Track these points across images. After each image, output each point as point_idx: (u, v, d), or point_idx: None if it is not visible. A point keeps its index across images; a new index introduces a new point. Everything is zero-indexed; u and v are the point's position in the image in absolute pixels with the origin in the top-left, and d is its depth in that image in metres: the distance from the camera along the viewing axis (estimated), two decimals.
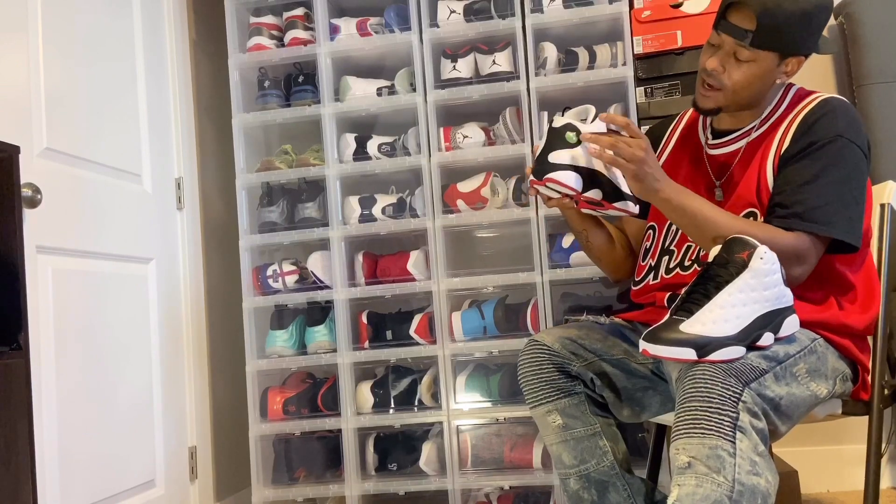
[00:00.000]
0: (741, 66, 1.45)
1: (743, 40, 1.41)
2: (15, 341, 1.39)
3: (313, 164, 2.32)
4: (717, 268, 1.28)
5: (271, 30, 2.40)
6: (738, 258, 1.26)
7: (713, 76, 1.47)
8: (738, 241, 1.28)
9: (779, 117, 1.53)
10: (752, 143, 1.53)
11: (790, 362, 1.31)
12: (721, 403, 1.18)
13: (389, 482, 2.19)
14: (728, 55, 1.45)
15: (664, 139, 1.73)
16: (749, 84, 1.47)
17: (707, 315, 1.25)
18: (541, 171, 1.46)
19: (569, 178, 1.45)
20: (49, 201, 1.75)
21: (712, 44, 1.48)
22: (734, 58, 1.45)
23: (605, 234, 1.70)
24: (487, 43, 2.26)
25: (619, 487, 1.53)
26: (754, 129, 1.54)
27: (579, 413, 1.53)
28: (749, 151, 1.53)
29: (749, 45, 1.41)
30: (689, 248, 1.55)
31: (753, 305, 1.26)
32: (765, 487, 1.17)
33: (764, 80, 1.47)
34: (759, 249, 1.26)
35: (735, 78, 1.46)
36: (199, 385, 2.38)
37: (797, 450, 2.22)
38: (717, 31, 1.46)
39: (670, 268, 1.58)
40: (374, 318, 2.29)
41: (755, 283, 1.26)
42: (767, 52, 1.43)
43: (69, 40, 1.94)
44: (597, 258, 1.75)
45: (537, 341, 1.57)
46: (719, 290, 1.26)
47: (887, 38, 2.24)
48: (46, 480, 1.70)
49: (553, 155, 1.46)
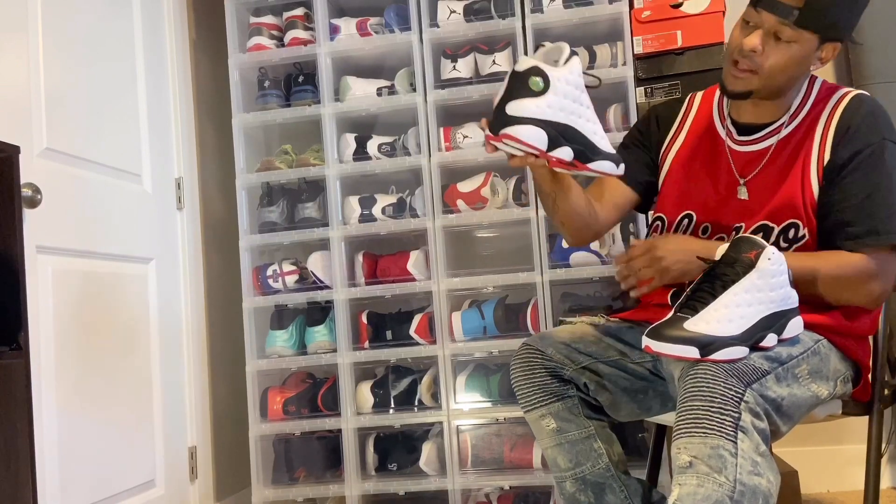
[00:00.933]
0: (781, 47, 1.35)
1: (787, 18, 1.32)
2: (15, 341, 1.39)
3: (313, 164, 2.32)
4: (724, 266, 1.26)
5: (271, 30, 2.40)
6: (745, 258, 1.25)
7: (750, 57, 1.37)
8: (747, 241, 1.27)
9: (810, 115, 1.45)
10: (783, 141, 1.46)
11: (792, 363, 1.30)
12: (723, 403, 1.17)
13: (389, 482, 2.19)
14: (768, 35, 1.35)
15: (675, 124, 1.62)
16: (787, 68, 1.38)
17: (712, 314, 1.24)
18: (497, 125, 1.23)
19: (530, 135, 1.21)
20: (49, 201, 1.75)
21: (748, 21, 1.38)
22: (774, 38, 1.35)
23: (574, 199, 1.50)
24: (487, 43, 2.26)
25: (615, 489, 1.52)
26: (784, 126, 1.46)
27: (573, 416, 1.53)
28: (782, 152, 1.46)
29: (794, 23, 1.32)
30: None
31: (759, 306, 1.25)
32: (766, 488, 1.17)
33: (801, 66, 1.39)
34: (767, 250, 1.24)
35: (773, 60, 1.36)
36: (199, 385, 2.38)
37: (797, 450, 2.22)
38: (757, 8, 1.35)
39: None
40: (374, 318, 2.29)
41: (762, 284, 1.24)
42: (810, 34, 1.34)
43: (69, 40, 1.94)
44: (559, 222, 1.57)
45: (529, 346, 1.56)
46: (725, 290, 1.24)
47: (887, 38, 2.24)
48: (46, 480, 1.70)
49: (512, 105, 1.22)
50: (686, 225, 1.55)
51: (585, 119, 1.25)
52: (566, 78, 1.23)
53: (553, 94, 1.21)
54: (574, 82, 1.24)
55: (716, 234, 1.51)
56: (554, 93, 1.21)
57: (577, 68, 1.24)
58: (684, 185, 1.57)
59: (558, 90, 1.22)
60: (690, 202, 1.55)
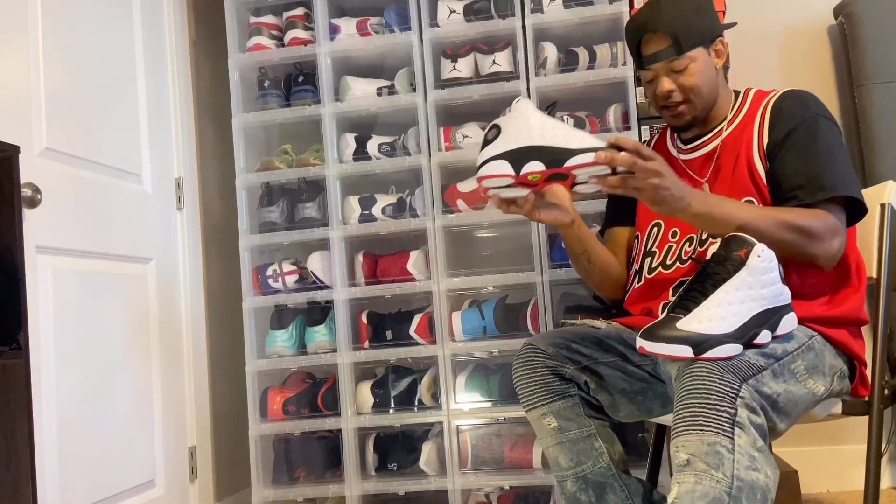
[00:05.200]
0: (685, 74, 1.55)
1: (670, 56, 1.53)
2: (15, 341, 1.39)
3: (313, 164, 2.32)
4: (714, 265, 1.28)
5: (271, 30, 2.40)
6: (735, 256, 1.26)
7: (672, 96, 1.56)
8: (737, 239, 1.28)
9: (747, 115, 1.58)
10: (728, 139, 1.58)
11: (788, 359, 1.32)
12: (719, 400, 1.18)
13: (389, 482, 2.19)
14: (668, 75, 1.56)
15: None
16: (702, 82, 1.55)
17: (704, 313, 1.25)
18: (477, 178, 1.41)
19: (497, 167, 1.38)
20: (49, 201, 1.75)
21: (649, 80, 1.59)
22: (674, 73, 1.55)
23: (603, 254, 1.70)
24: (487, 43, 2.26)
25: (616, 488, 1.53)
26: (724, 129, 1.60)
27: (574, 415, 1.54)
28: (728, 147, 1.57)
29: (678, 54, 1.53)
30: (669, 249, 1.58)
31: (751, 304, 1.26)
32: (764, 483, 1.18)
33: (710, 73, 1.57)
34: (757, 247, 1.26)
35: (688, 84, 1.55)
36: (199, 385, 2.38)
37: (797, 450, 2.22)
38: (646, 68, 1.57)
39: (652, 267, 1.60)
40: (374, 318, 2.29)
41: (752, 281, 1.25)
42: (695, 50, 1.54)
43: (69, 40, 1.94)
44: (598, 281, 1.73)
45: (531, 345, 1.58)
46: (717, 288, 1.26)
47: (887, 38, 2.24)
48: (46, 480, 1.70)
49: (480, 156, 1.40)
50: (656, 233, 1.63)
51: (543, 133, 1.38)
52: (514, 116, 1.40)
53: (505, 132, 1.39)
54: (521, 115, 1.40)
55: (686, 235, 1.57)
56: (506, 132, 1.39)
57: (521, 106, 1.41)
58: None
59: (509, 129, 1.39)
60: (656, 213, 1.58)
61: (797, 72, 2.45)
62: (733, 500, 1.15)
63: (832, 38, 2.46)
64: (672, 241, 1.59)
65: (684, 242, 1.57)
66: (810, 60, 2.47)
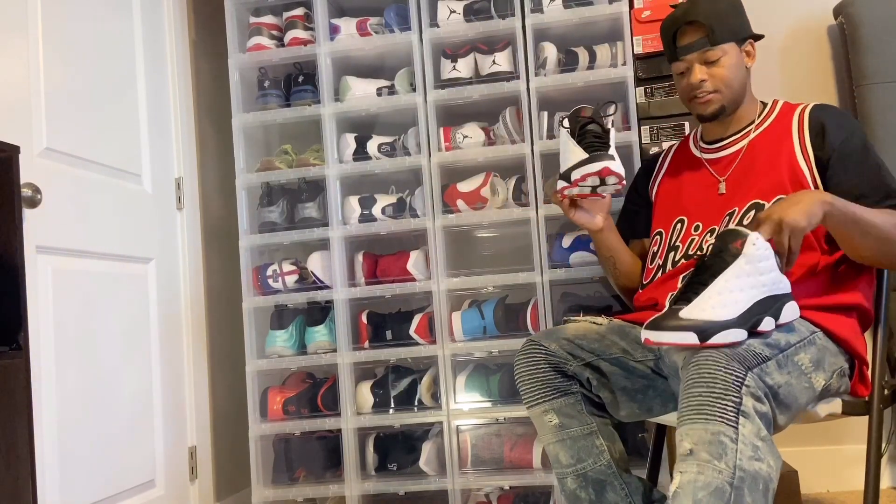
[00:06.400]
0: (716, 65, 1.62)
1: (704, 46, 1.61)
2: (15, 341, 1.39)
3: (313, 164, 2.32)
4: (712, 258, 1.32)
5: (271, 30, 2.40)
6: (732, 247, 1.30)
7: (703, 86, 1.63)
8: (732, 233, 1.32)
9: (780, 122, 1.63)
10: (757, 142, 1.64)
11: (791, 351, 1.33)
12: (725, 388, 1.19)
13: (389, 482, 2.19)
14: (701, 65, 1.63)
15: (657, 165, 1.85)
16: (733, 74, 1.63)
17: (706, 301, 1.27)
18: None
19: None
20: (49, 201, 1.75)
21: (681, 72, 1.67)
22: (706, 64, 1.63)
23: (631, 260, 1.79)
24: (487, 43, 2.26)
25: (616, 486, 1.53)
26: (752, 130, 1.66)
27: (575, 412, 1.54)
28: (757, 149, 1.62)
29: (712, 45, 1.60)
30: (691, 242, 1.62)
31: (751, 290, 1.28)
32: (766, 472, 1.18)
33: (740, 68, 1.64)
34: (752, 236, 1.29)
35: (719, 75, 1.62)
36: (199, 385, 2.38)
37: (797, 450, 2.22)
38: (679, 58, 1.65)
39: (676, 260, 1.63)
40: (374, 318, 2.29)
41: (750, 269, 1.28)
42: (727, 45, 1.62)
43: (69, 40, 1.94)
44: (624, 286, 1.81)
45: (534, 341, 1.58)
46: (716, 278, 1.27)
47: (887, 38, 2.24)
48: (46, 480, 1.70)
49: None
50: (679, 228, 1.67)
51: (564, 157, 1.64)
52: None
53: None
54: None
55: (708, 227, 1.61)
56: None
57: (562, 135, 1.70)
58: (674, 197, 1.73)
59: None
60: (680, 209, 1.69)
61: (797, 72, 2.45)
62: (735, 490, 1.15)
63: (832, 39, 2.46)
64: (695, 234, 1.63)
65: (706, 234, 1.60)
66: (810, 60, 2.46)
